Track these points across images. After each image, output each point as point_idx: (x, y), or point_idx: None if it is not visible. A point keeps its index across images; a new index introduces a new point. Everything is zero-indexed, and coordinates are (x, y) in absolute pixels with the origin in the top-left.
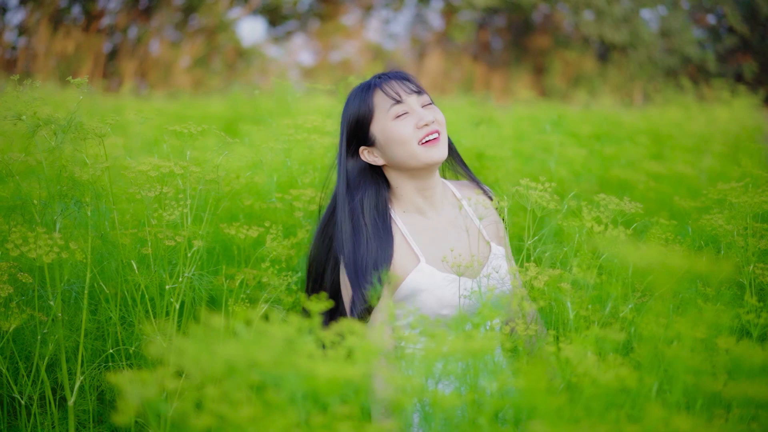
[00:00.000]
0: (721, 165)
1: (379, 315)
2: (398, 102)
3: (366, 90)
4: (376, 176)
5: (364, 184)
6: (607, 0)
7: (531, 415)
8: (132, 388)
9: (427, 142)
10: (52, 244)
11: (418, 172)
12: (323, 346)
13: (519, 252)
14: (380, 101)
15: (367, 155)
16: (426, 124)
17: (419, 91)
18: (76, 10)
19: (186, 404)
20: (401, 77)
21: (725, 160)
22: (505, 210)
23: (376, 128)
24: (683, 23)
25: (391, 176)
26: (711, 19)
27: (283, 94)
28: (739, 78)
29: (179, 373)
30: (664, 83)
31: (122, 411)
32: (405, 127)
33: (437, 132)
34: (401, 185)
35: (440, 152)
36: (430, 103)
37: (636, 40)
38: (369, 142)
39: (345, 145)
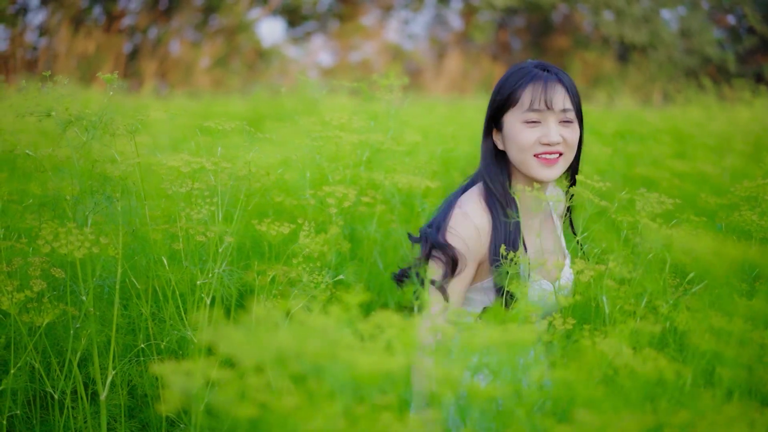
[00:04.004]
0: (744, 164)
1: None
2: (534, 110)
3: (518, 76)
4: (501, 161)
5: (492, 166)
6: (626, 0)
7: (570, 406)
8: (175, 378)
9: (543, 159)
10: (83, 240)
11: (528, 177)
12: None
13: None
14: (525, 96)
15: (494, 137)
16: (548, 143)
17: (564, 109)
18: (97, 10)
19: (228, 394)
20: (561, 81)
21: (747, 159)
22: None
23: (507, 119)
24: (703, 24)
25: (511, 165)
26: (731, 20)
27: (306, 93)
28: (759, 78)
29: (222, 364)
30: (685, 83)
31: (166, 400)
32: (528, 136)
33: (558, 153)
34: (515, 175)
35: (551, 173)
36: (571, 121)
37: (656, 41)
38: (499, 126)
39: (485, 122)
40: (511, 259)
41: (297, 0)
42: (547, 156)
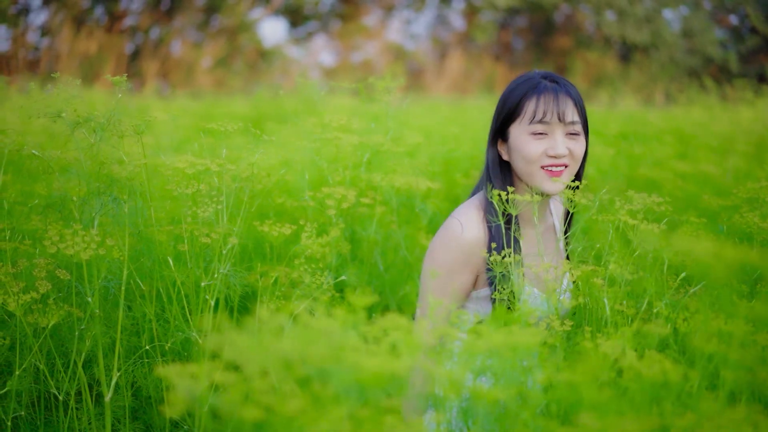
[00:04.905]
0: (746, 164)
1: (420, 312)
2: (542, 122)
3: (525, 87)
4: (505, 171)
5: (496, 177)
6: (629, 0)
7: (575, 409)
8: (181, 381)
9: (549, 171)
10: (89, 241)
11: (532, 188)
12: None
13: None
14: (530, 107)
15: (499, 147)
16: (555, 156)
17: (572, 121)
18: (99, 10)
19: (233, 397)
20: (570, 94)
21: (750, 160)
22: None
23: (514, 131)
24: (705, 24)
25: (514, 176)
26: (733, 20)
27: (307, 94)
28: (761, 78)
29: (226, 366)
30: (687, 84)
31: (171, 403)
32: (535, 147)
33: (565, 166)
34: (517, 186)
35: (556, 187)
36: (578, 133)
37: (658, 41)
38: (505, 137)
39: (491, 132)
40: (502, 266)
41: (299, 0)
42: (553, 168)
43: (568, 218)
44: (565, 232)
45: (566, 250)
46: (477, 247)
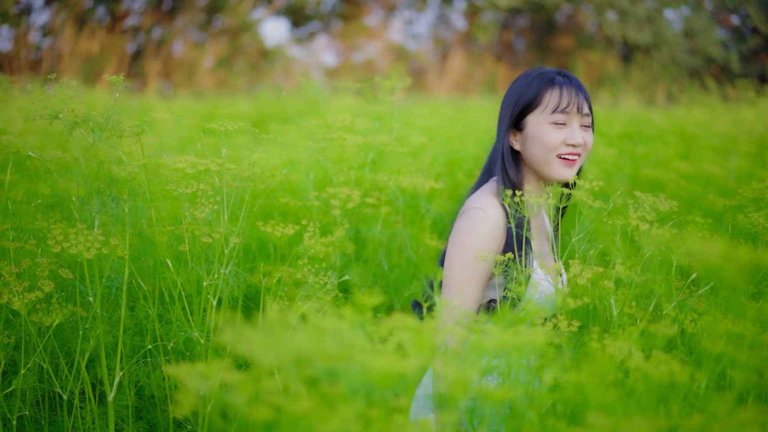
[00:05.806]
0: (749, 165)
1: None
2: (563, 112)
3: (542, 80)
4: (516, 161)
5: (510, 165)
6: (630, 0)
7: (582, 409)
8: (187, 380)
9: (565, 159)
10: (93, 240)
11: (543, 176)
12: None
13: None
14: (550, 99)
15: (511, 137)
16: (573, 145)
17: (587, 113)
18: (101, 10)
19: (241, 396)
20: (580, 88)
21: (753, 160)
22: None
23: (532, 120)
24: (706, 24)
25: (523, 165)
26: (735, 20)
27: (310, 94)
28: (763, 79)
29: (231, 366)
30: (688, 83)
31: (178, 403)
32: (556, 136)
33: (578, 155)
34: (527, 178)
35: (569, 174)
36: (590, 125)
37: (659, 41)
38: (519, 127)
39: (506, 122)
40: (521, 259)
41: (300, 0)
42: (569, 156)
43: (561, 213)
44: (556, 228)
45: (556, 242)
46: (500, 227)
